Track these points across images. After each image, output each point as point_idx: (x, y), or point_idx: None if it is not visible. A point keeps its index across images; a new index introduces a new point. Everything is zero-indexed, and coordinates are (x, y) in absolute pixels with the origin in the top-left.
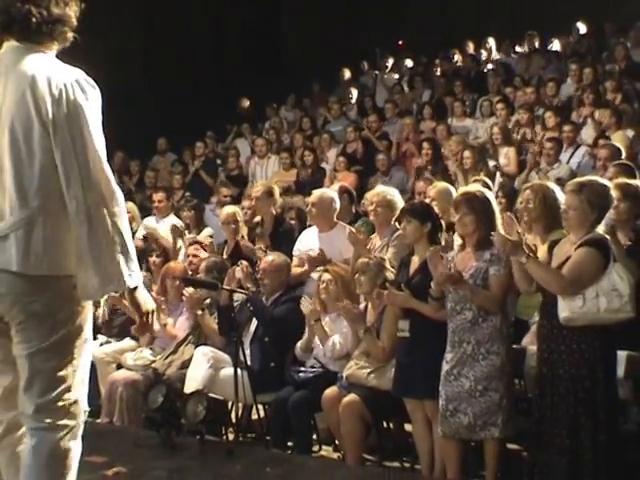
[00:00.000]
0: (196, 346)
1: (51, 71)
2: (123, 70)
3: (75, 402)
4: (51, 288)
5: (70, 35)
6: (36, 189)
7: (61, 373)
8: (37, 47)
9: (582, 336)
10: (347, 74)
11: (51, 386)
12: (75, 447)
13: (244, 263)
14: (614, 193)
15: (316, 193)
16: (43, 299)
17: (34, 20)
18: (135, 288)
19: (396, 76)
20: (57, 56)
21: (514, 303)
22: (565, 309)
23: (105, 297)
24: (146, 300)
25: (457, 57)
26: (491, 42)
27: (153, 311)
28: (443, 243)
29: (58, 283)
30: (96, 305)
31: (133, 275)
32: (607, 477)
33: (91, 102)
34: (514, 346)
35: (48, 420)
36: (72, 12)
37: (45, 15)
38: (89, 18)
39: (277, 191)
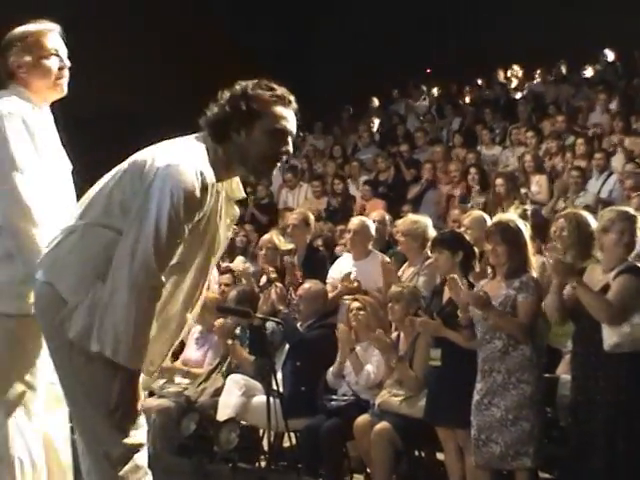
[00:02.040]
0: (227, 374)
1: None
2: (160, 98)
3: None
4: None
5: None
6: None
7: None
8: None
9: (622, 362)
10: (376, 102)
11: None
12: None
13: (279, 285)
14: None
15: (355, 221)
16: None
17: None
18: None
19: (426, 104)
20: None
21: (546, 332)
22: (612, 336)
23: None
24: None
25: (484, 84)
26: (517, 70)
27: None
28: (477, 270)
29: None
30: None
31: None
32: None
33: None
34: (547, 375)
35: None
36: None
37: None
38: None
39: (313, 220)
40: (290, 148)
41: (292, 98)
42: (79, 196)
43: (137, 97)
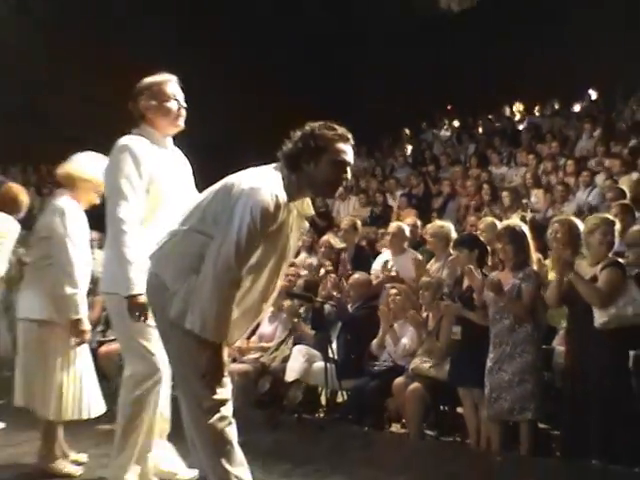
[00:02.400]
0: (294, 345)
1: None
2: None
3: None
4: None
5: None
6: None
7: None
8: None
9: (610, 336)
10: (408, 132)
11: None
12: None
13: (333, 276)
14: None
15: (393, 225)
16: None
17: None
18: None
19: (447, 133)
20: None
21: (544, 313)
22: (602, 316)
23: None
24: None
25: (493, 117)
26: (520, 106)
27: None
28: (490, 264)
29: None
30: None
31: None
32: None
33: None
34: (545, 346)
35: None
36: None
37: None
38: None
39: (359, 225)
40: (349, 176)
41: (350, 136)
42: None
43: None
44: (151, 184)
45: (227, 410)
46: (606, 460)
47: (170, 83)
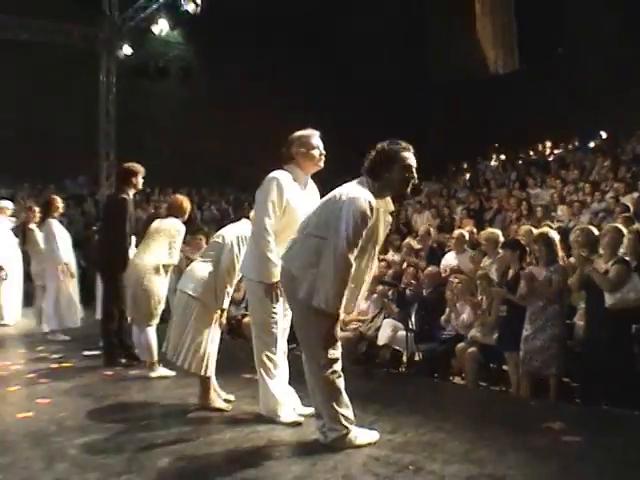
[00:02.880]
0: (383, 318)
1: None
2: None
3: None
4: None
5: None
6: None
7: None
8: None
9: (616, 313)
10: (468, 164)
11: None
12: None
13: (411, 268)
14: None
15: (456, 232)
16: None
17: None
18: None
19: (496, 164)
20: None
21: (568, 297)
22: (611, 299)
23: None
24: None
25: (530, 152)
26: (549, 144)
27: None
28: (527, 261)
29: None
30: None
31: None
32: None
33: None
34: (568, 321)
35: None
36: None
37: None
38: None
39: (432, 231)
40: (415, 175)
41: (410, 146)
42: None
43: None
44: (287, 207)
45: (338, 366)
46: (613, 405)
47: (315, 136)
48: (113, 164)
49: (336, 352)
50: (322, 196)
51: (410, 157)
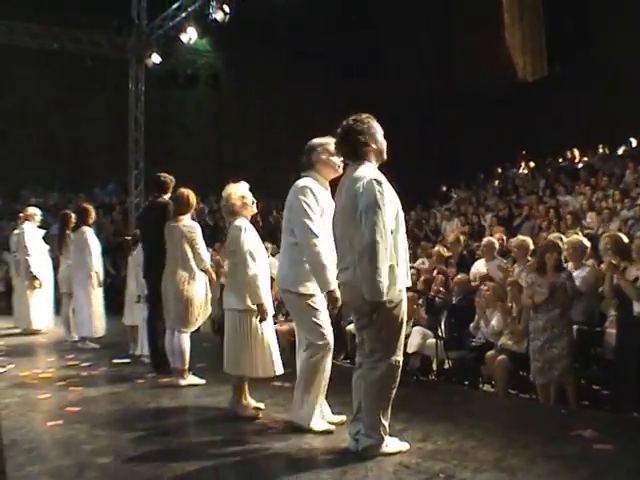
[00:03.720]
0: (413, 326)
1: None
2: None
3: None
4: None
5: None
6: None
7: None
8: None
9: None
10: (497, 170)
11: None
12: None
13: (441, 275)
14: None
15: (485, 240)
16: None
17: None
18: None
19: (525, 171)
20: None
21: (598, 304)
22: (639, 306)
23: None
24: None
25: (559, 159)
26: (577, 151)
27: None
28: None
29: None
30: None
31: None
32: None
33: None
34: (598, 329)
35: None
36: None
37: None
38: None
39: (462, 238)
40: None
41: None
42: None
43: None
44: (322, 214)
45: (398, 375)
46: None
47: (333, 144)
48: (142, 172)
49: (401, 358)
50: None
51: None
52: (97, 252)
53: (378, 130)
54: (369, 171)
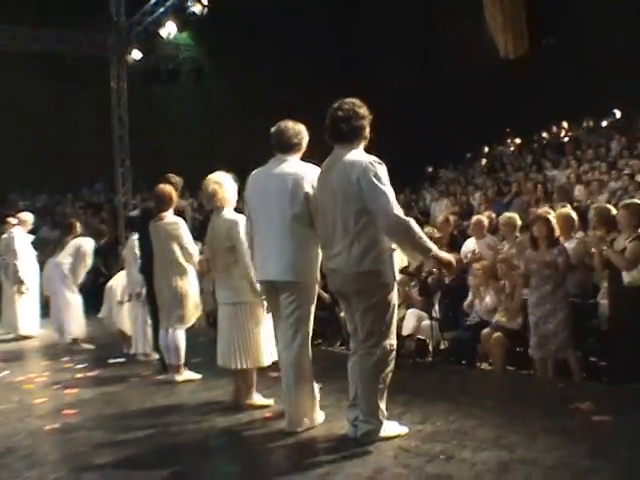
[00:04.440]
0: (407, 308)
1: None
2: None
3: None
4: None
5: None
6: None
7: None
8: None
9: (636, 292)
10: (487, 148)
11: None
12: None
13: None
14: None
15: (474, 218)
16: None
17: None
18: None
19: (512, 148)
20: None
21: (590, 276)
22: (627, 277)
23: None
24: None
25: (546, 134)
26: (564, 124)
27: None
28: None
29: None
30: None
31: None
32: None
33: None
34: (592, 300)
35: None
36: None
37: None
38: None
39: (451, 218)
40: None
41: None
42: None
43: None
44: None
45: (393, 359)
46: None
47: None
48: (128, 170)
49: (395, 342)
50: None
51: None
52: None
53: (366, 115)
54: (363, 154)
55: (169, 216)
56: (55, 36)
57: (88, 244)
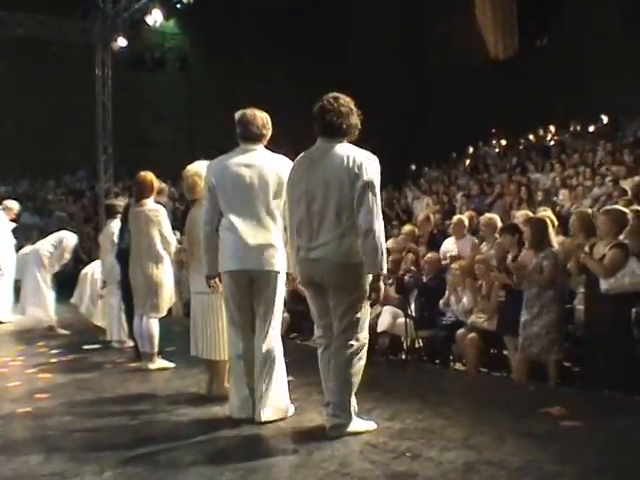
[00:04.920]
0: (382, 305)
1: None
2: None
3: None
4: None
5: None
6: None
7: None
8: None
9: (613, 299)
10: (471, 148)
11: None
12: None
13: (411, 254)
14: (630, 216)
15: (455, 218)
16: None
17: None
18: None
19: (497, 149)
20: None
21: (568, 281)
22: (605, 284)
23: None
24: None
25: (531, 137)
26: (551, 128)
27: None
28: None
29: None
30: None
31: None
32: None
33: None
34: (569, 305)
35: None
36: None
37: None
38: None
39: (432, 217)
40: None
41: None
42: None
43: None
44: None
45: (365, 352)
46: (613, 389)
47: None
48: (111, 158)
49: (367, 336)
50: None
51: None
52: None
53: (354, 111)
54: (357, 149)
55: (150, 203)
56: (40, 21)
57: (71, 239)
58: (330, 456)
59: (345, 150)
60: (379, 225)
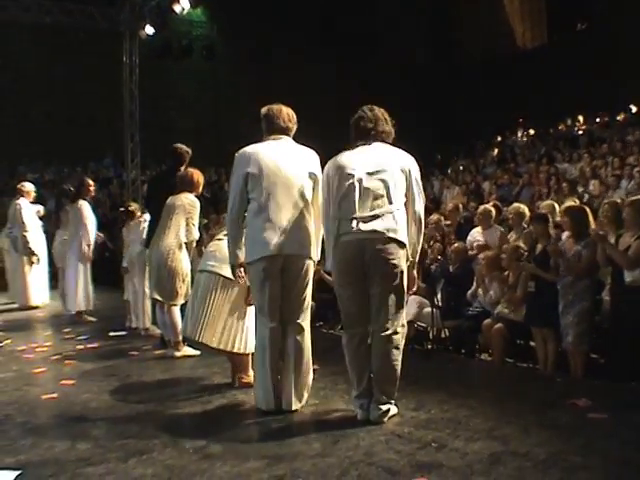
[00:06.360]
0: (409, 294)
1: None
2: None
3: None
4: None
5: None
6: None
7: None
8: None
9: (635, 290)
10: (499, 138)
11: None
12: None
13: (437, 244)
14: None
15: (481, 207)
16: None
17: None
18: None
19: (525, 139)
20: None
21: (597, 272)
22: (629, 276)
23: None
24: None
25: (560, 127)
26: (580, 118)
27: None
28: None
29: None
30: None
31: None
32: None
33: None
34: (597, 296)
35: None
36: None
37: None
38: None
39: (460, 207)
40: None
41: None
42: None
43: None
44: None
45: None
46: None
47: None
48: (138, 145)
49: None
50: None
51: None
52: (93, 226)
53: (388, 120)
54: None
55: (190, 196)
56: (68, 9)
57: (85, 206)
58: (355, 445)
59: (395, 150)
60: (423, 216)
